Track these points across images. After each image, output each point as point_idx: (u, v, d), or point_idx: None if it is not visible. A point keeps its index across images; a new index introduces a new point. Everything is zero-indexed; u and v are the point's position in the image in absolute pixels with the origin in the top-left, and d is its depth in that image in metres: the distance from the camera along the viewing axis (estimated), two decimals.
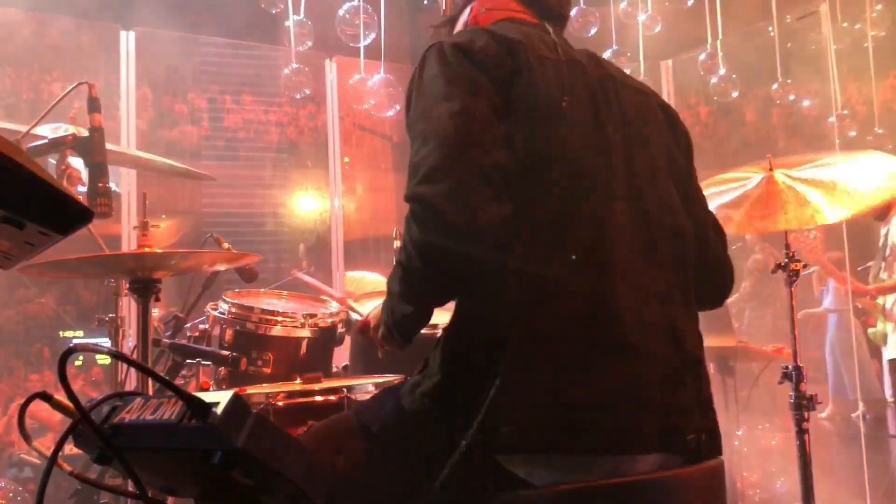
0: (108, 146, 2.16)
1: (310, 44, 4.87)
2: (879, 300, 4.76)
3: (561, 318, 1.34)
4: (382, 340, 1.58)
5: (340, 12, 4.76)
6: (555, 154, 1.41)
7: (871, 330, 5.06)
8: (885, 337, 4.71)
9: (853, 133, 5.31)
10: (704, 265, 1.61)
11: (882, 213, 4.63)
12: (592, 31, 5.39)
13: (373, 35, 4.77)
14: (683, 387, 1.43)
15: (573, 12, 5.34)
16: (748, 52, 5.78)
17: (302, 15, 4.71)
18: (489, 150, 1.34)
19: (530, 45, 1.47)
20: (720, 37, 5.53)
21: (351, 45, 4.81)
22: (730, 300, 5.43)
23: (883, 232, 4.59)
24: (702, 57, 5.76)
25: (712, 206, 2.77)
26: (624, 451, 1.35)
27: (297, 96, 5.16)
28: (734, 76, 5.57)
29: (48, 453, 1.05)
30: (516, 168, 1.37)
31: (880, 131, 5.39)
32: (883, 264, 4.64)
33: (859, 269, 4.99)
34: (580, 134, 1.45)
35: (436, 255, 1.34)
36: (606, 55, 5.62)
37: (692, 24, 5.63)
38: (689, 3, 5.37)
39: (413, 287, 1.42)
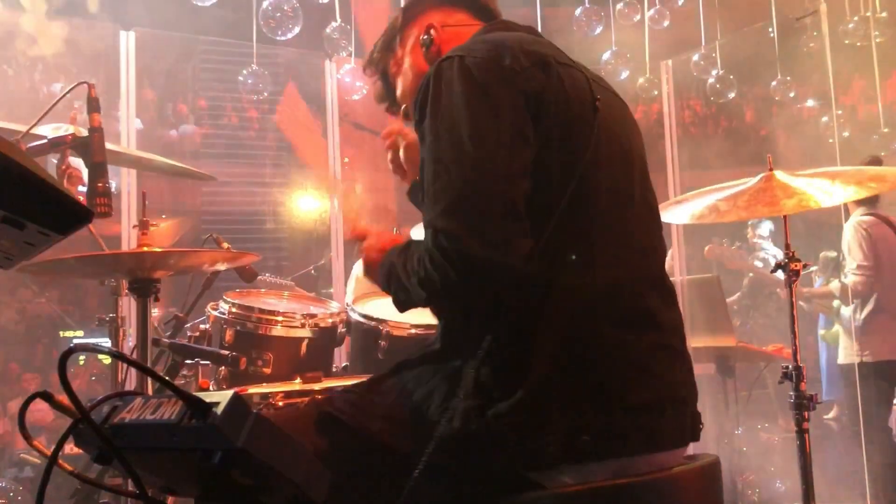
0: (108, 146, 2.16)
1: (351, 48, 4.86)
2: (835, 304, 4.77)
3: (616, 324, 1.35)
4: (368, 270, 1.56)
5: (264, 4, 4.68)
6: (593, 171, 1.39)
7: (821, 332, 5.07)
8: (836, 339, 4.73)
9: (846, 134, 5.30)
10: None
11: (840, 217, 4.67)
12: (598, 31, 5.39)
13: (297, 28, 4.71)
14: (694, 381, 1.50)
15: (577, 12, 5.35)
16: (748, 52, 5.79)
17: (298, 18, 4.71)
18: (514, 180, 1.30)
19: (556, 59, 1.42)
20: (719, 37, 5.53)
21: (272, 36, 4.75)
22: (731, 299, 5.45)
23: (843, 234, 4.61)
24: (699, 57, 5.77)
25: (710, 201, 2.81)
26: (676, 445, 1.41)
27: (255, 98, 5.14)
28: (731, 76, 5.58)
29: (48, 453, 1.05)
30: (553, 183, 1.35)
31: (886, 130, 5.36)
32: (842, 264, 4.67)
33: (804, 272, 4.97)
34: (608, 145, 1.44)
35: (456, 289, 1.31)
36: (606, 56, 5.63)
37: (692, 24, 5.63)
38: (680, 3, 5.37)
39: (423, 301, 1.41)
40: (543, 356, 1.32)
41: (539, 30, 1.62)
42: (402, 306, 1.48)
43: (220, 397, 0.97)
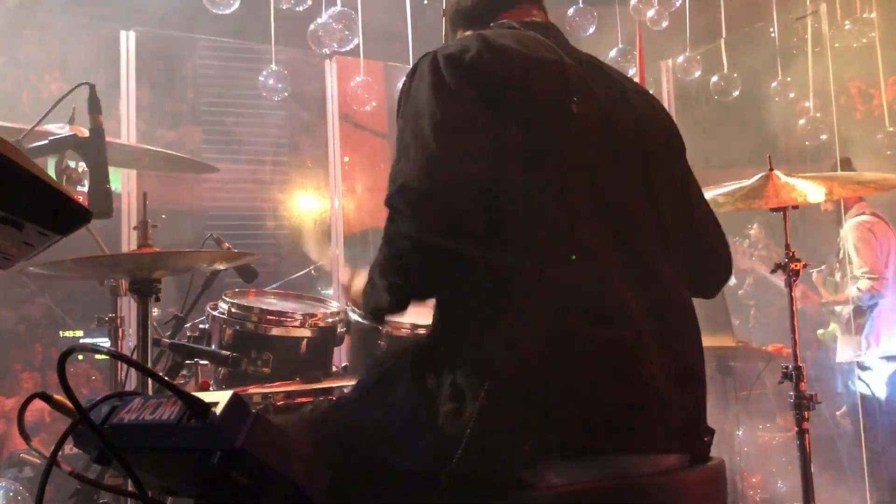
0: (111, 139, 2.16)
1: (346, 46, 4.86)
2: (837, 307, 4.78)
3: (591, 321, 1.35)
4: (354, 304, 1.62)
5: (322, 18, 4.71)
6: (569, 157, 1.41)
7: (820, 331, 5.07)
8: (834, 338, 4.74)
9: (824, 137, 5.30)
10: (700, 256, 1.63)
11: (838, 217, 4.68)
12: (591, 31, 5.38)
13: (356, 40, 4.74)
14: (699, 387, 1.47)
15: (570, 11, 5.34)
16: (748, 51, 5.79)
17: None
18: (471, 159, 1.35)
19: (525, 50, 1.47)
20: (724, 35, 5.53)
21: (336, 48, 4.78)
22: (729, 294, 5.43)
23: (841, 234, 4.62)
24: (701, 56, 5.78)
25: (707, 197, 2.83)
26: (659, 449, 1.38)
27: (276, 98, 5.15)
28: (735, 75, 5.58)
29: (48, 453, 1.05)
30: (524, 172, 1.38)
31: (891, 129, 5.34)
32: (836, 265, 4.67)
33: (810, 271, 4.93)
34: (593, 134, 1.46)
35: (410, 263, 1.36)
36: (612, 54, 5.63)
37: (692, 23, 5.63)
38: (677, 4, 5.37)
39: (390, 284, 1.43)
40: (516, 355, 1.32)
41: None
42: (375, 309, 1.50)
43: (219, 397, 0.97)
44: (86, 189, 2.08)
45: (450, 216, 1.32)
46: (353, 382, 2.26)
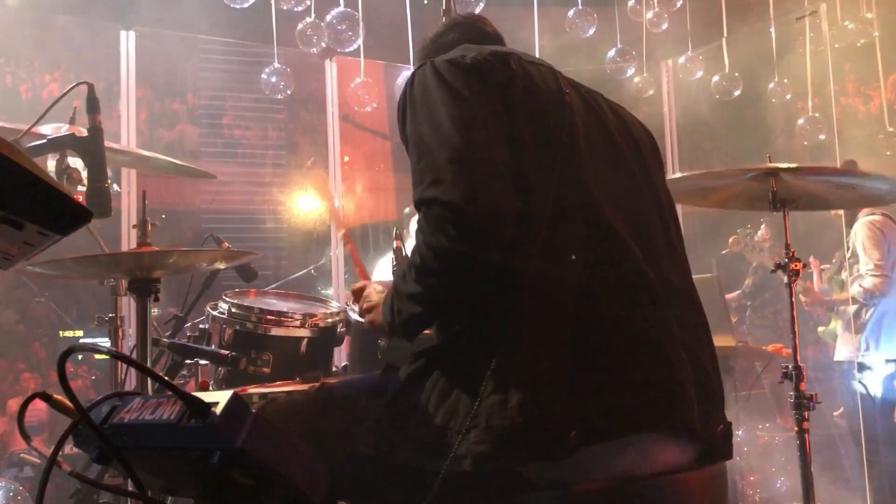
0: (109, 144, 2.16)
1: (324, 44, 4.88)
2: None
3: (614, 303, 1.37)
4: (372, 327, 1.63)
5: (328, 18, 4.75)
6: (575, 145, 1.44)
7: (820, 329, 5.07)
8: (834, 336, 4.73)
9: (822, 136, 5.29)
10: None
11: (848, 218, 4.67)
12: (591, 32, 5.38)
13: (360, 41, 4.77)
14: (705, 379, 1.48)
15: (570, 13, 5.36)
16: (748, 51, 5.79)
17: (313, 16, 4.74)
18: (494, 147, 1.37)
19: (518, 53, 1.53)
20: (725, 34, 5.53)
21: (338, 49, 4.83)
22: (730, 296, 5.44)
23: (851, 233, 4.61)
24: (701, 56, 5.79)
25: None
26: (683, 429, 1.39)
27: (278, 96, 5.16)
28: (737, 74, 5.58)
29: (48, 453, 1.05)
30: (534, 167, 1.39)
31: (891, 129, 5.33)
32: (845, 264, 4.66)
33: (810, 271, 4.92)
34: (590, 124, 1.50)
35: (454, 255, 1.33)
36: (611, 54, 5.64)
37: (692, 23, 5.64)
38: (678, 5, 5.38)
39: (427, 289, 1.40)
40: (546, 343, 1.32)
41: (536, 29, 1.69)
42: (407, 325, 1.47)
43: (219, 397, 0.97)
44: (85, 189, 2.07)
45: (492, 199, 1.32)
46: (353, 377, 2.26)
